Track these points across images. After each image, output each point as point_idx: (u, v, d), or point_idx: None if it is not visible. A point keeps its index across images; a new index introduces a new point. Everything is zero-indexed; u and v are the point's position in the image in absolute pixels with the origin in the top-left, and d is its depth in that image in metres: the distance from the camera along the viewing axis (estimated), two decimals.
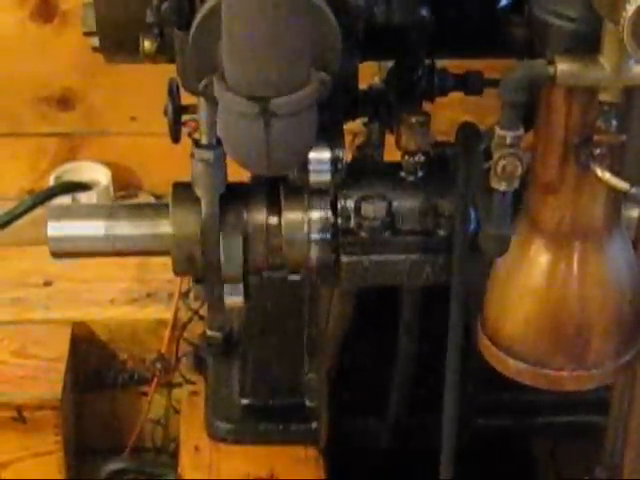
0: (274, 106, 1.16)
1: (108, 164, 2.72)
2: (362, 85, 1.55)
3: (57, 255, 1.57)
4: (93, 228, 1.55)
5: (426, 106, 1.55)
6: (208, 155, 1.40)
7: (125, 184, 2.71)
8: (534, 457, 1.92)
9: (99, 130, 2.75)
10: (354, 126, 1.60)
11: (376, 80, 1.59)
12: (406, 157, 1.48)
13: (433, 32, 1.46)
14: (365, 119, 1.60)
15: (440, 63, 1.56)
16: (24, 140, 2.77)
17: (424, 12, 1.44)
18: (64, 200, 2.60)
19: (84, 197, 2.62)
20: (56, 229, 1.55)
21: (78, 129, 2.77)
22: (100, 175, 2.69)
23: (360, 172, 1.51)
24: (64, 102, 2.75)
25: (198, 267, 1.47)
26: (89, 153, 2.77)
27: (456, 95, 1.58)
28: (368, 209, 1.45)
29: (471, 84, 1.54)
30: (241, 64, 1.16)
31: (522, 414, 1.83)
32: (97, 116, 2.75)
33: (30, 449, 1.97)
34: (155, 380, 2.02)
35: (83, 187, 2.64)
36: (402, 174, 1.49)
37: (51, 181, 2.68)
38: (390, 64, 1.56)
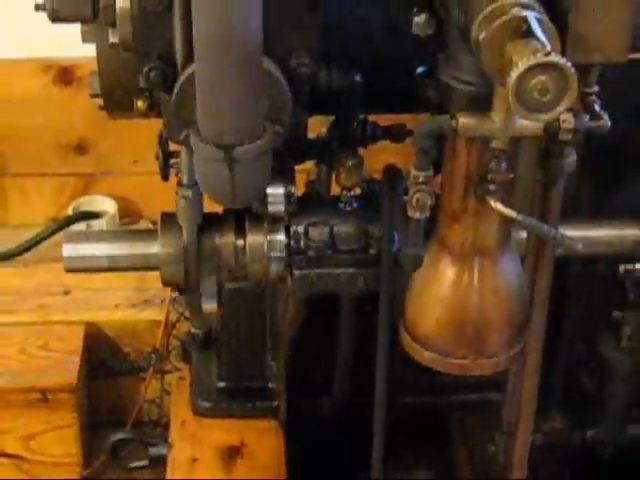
0: (237, 153, 1.17)
1: (115, 197, 2.71)
2: (313, 134, 1.55)
3: (70, 270, 1.57)
4: (99, 249, 1.55)
5: (362, 151, 1.55)
6: (188, 192, 1.41)
7: (129, 213, 2.72)
8: (449, 427, 1.92)
9: (108, 170, 2.75)
10: (308, 166, 1.60)
11: (323, 130, 1.59)
12: (344, 192, 1.50)
13: (365, 93, 1.47)
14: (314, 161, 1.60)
15: (372, 117, 1.57)
16: (49, 179, 2.77)
17: (357, 78, 1.44)
18: (80, 226, 2.60)
19: (96, 224, 2.62)
20: (69, 250, 1.55)
21: (91, 170, 2.76)
22: (108, 206, 2.69)
23: (308, 203, 1.52)
24: (80, 148, 2.75)
25: (181, 281, 1.48)
26: (100, 189, 2.77)
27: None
28: (314, 233, 1.46)
29: (395, 134, 1.54)
30: (210, 119, 1.17)
31: (439, 394, 1.84)
32: (106, 159, 2.75)
33: (52, 424, 1.98)
34: (151, 368, 2.03)
35: (95, 216, 2.64)
36: (341, 205, 1.50)
37: (70, 211, 2.68)
38: (332, 118, 1.56)
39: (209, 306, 1.50)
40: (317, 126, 1.56)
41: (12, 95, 2.64)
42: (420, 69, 1.31)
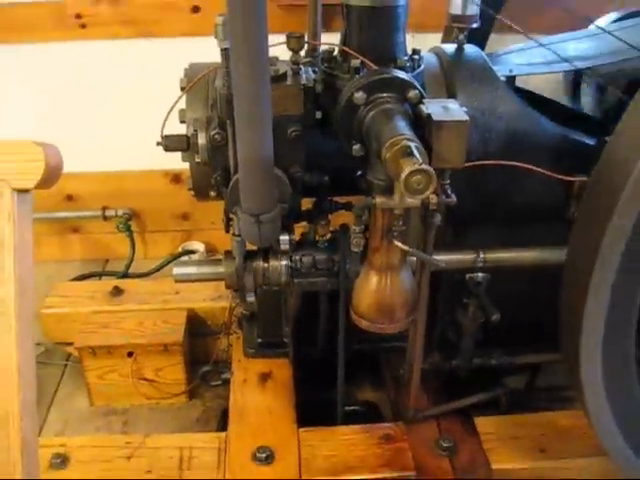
0: (261, 218, 1.17)
1: (204, 242, 2.69)
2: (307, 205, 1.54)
3: (177, 281, 1.55)
4: (191, 270, 1.54)
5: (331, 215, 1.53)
6: (238, 238, 1.38)
7: (211, 250, 2.69)
8: (380, 362, 1.89)
9: (200, 228, 2.72)
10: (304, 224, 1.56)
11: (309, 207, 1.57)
12: (320, 238, 1.48)
13: (330, 186, 1.46)
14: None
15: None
16: (169, 232, 2.75)
17: (326, 178, 1.44)
18: (185, 258, 2.59)
19: (194, 256, 2.60)
20: (177, 270, 1.53)
21: (190, 227, 2.73)
22: (200, 247, 2.65)
23: (301, 244, 1.48)
24: (184, 216, 2.70)
25: (235, 286, 1.46)
26: (196, 238, 2.73)
27: None
28: (305, 260, 1.44)
29: (347, 207, 1.52)
30: (247, 201, 1.17)
31: (374, 342, 1.78)
32: (198, 222, 2.70)
33: (170, 362, 1.95)
34: (223, 332, 1.99)
35: (193, 252, 2.62)
36: (319, 245, 1.47)
37: (180, 249, 2.67)
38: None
39: (250, 299, 1.49)
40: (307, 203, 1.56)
41: (149, 189, 2.63)
42: (359, 173, 1.31)
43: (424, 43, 1.71)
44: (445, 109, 1.15)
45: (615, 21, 2.05)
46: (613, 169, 1.09)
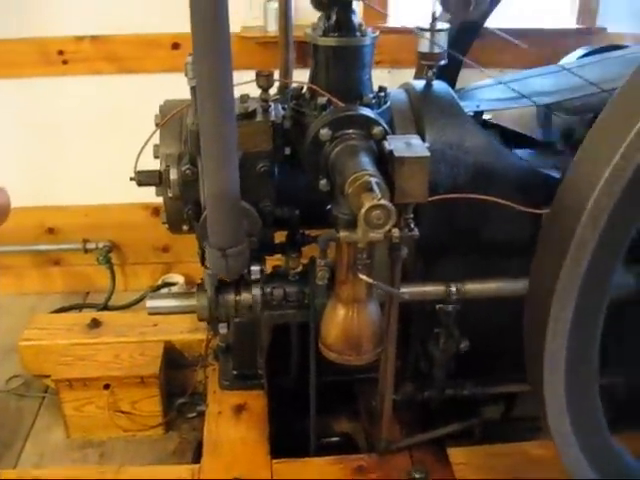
0: (228, 252, 1.18)
1: (183, 274, 2.70)
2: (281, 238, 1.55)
3: (151, 314, 1.54)
4: (166, 302, 1.53)
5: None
6: (209, 271, 1.37)
7: (190, 282, 2.67)
8: (355, 392, 1.89)
9: (179, 260, 2.73)
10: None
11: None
12: (291, 270, 1.47)
13: (301, 219, 1.48)
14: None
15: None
16: (149, 265, 2.76)
17: (297, 212, 1.45)
18: (165, 290, 2.59)
19: (173, 288, 2.60)
20: (151, 302, 1.52)
21: (171, 260, 2.75)
22: (179, 279, 2.67)
23: (272, 276, 1.48)
24: (165, 249, 2.73)
25: (207, 318, 1.46)
26: (175, 270, 2.75)
27: None
28: (276, 292, 1.44)
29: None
30: (214, 236, 1.18)
31: (349, 373, 1.71)
32: (178, 254, 2.72)
33: (146, 394, 1.94)
34: (200, 364, 2.00)
35: (172, 284, 2.62)
36: (290, 277, 1.47)
37: (160, 282, 2.67)
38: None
39: (223, 330, 1.50)
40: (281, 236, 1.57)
41: (128, 221, 2.64)
42: (327, 207, 1.32)
43: (401, 78, 1.75)
44: (407, 145, 1.17)
45: (582, 56, 2.09)
46: (569, 203, 1.11)
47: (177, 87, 1.51)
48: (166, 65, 2.36)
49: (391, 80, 1.94)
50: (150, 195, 1.53)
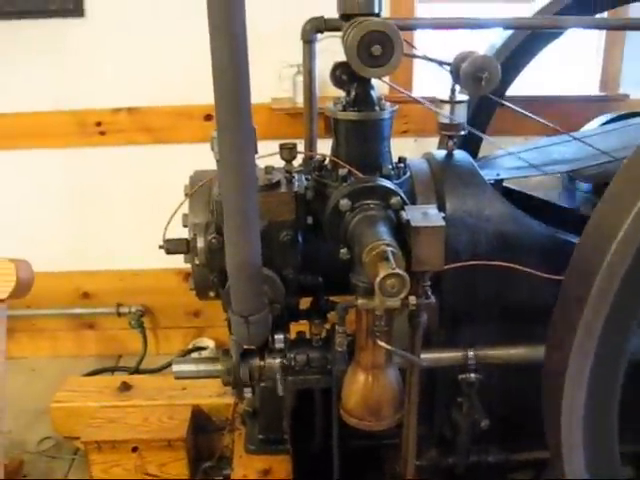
0: (250, 319, 1.21)
1: (214, 339, 2.73)
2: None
3: (177, 378, 1.56)
4: (191, 367, 1.55)
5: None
6: (234, 338, 1.37)
7: (221, 345, 2.70)
8: (381, 456, 1.87)
9: (211, 324, 2.77)
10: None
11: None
12: (315, 336, 1.48)
13: (325, 285, 1.49)
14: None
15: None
16: (181, 329, 2.80)
17: (320, 279, 1.47)
18: (195, 354, 2.62)
19: (204, 352, 2.63)
20: (176, 367, 1.54)
21: (201, 325, 2.79)
22: (210, 343, 2.70)
23: (296, 342, 1.49)
24: (196, 314, 2.79)
25: (231, 383, 1.48)
26: (207, 334, 2.79)
27: None
28: (299, 358, 1.45)
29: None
30: (237, 304, 1.20)
31: (375, 438, 1.72)
32: (208, 319, 2.77)
33: (173, 458, 1.96)
34: (227, 428, 2.00)
35: (203, 349, 2.65)
36: (313, 343, 1.48)
37: (190, 346, 2.71)
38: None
39: (247, 395, 1.51)
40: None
41: (160, 286, 2.70)
42: (350, 275, 1.34)
43: (426, 147, 1.79)
44: (424, 215, 1.19)
45: (604, 123, 2.12)
46: (581, 270, 1.13)
47: (209, 157, 1.57)
48: (198, 136, 2.44)
49: (417, 149, 2.00)
50: (181, 261, 1.57)
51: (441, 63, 1.50)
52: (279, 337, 1.43)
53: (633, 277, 1.07)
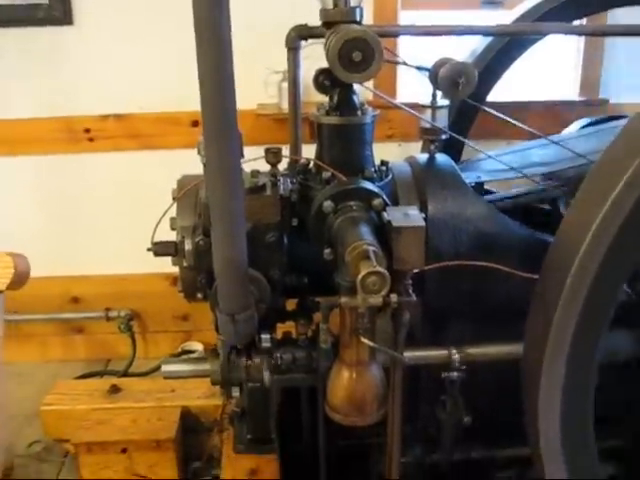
0: (237, 318, 1.24)
1: (203, 342, 2.75)
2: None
3: (167, 378, 1.59)
4: (180, 366, 1.58)
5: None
6: (221, 338, 1.42)
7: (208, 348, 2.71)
8: (367, 456, 1.88)
9: (199, 328, 2.79)
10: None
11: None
12: (300, 335, 1.51)
13: (309, 287, 1.52)
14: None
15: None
16: (170, 333, 2.82)
17: (305, 280, 1.50)
18: (184, 356, 2.63)
19: (193, 356, 2.64)
20: (165, 367, 1.57)
21: (190, 328, 2.81)
22: (198, 347, 2.72)
23: (282, 342, 1.51)
24: (184, 317, 2.81)
25: (220, 382, 1.50)
26: (195, 338, 2.81)
27: None
28: (285, 357, 1.47)
29: None
30: (224, 302, 1.23)
31: (361, 437, 1.77)
32: (197, 322, 2.79)
33: (162, 458, 1.97)
34: (215, 429, 2.02)
35: (191, 352, 2.67)
36: (299, 342, 1.50)
37: (179, 349, 2.73)
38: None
39: (235, 394, 1.53)
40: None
41: (149, 290, 2.73)
42: (334, 275, 1.37)
43: (410, 151, 1.83)
44: (405, 215, 1.23)
45: (584, 127, 2.17)
46: (554, 269, 1.17)
47: (196, 162, 1.60)
48: (185, 142, 2.47)
49: (401, 153, 2.03)
50: (170, 265, 1.61)
51: (420, 69, 1.54)
52: (265, 336, 1.45)
53: (604, 275, 1.11)
